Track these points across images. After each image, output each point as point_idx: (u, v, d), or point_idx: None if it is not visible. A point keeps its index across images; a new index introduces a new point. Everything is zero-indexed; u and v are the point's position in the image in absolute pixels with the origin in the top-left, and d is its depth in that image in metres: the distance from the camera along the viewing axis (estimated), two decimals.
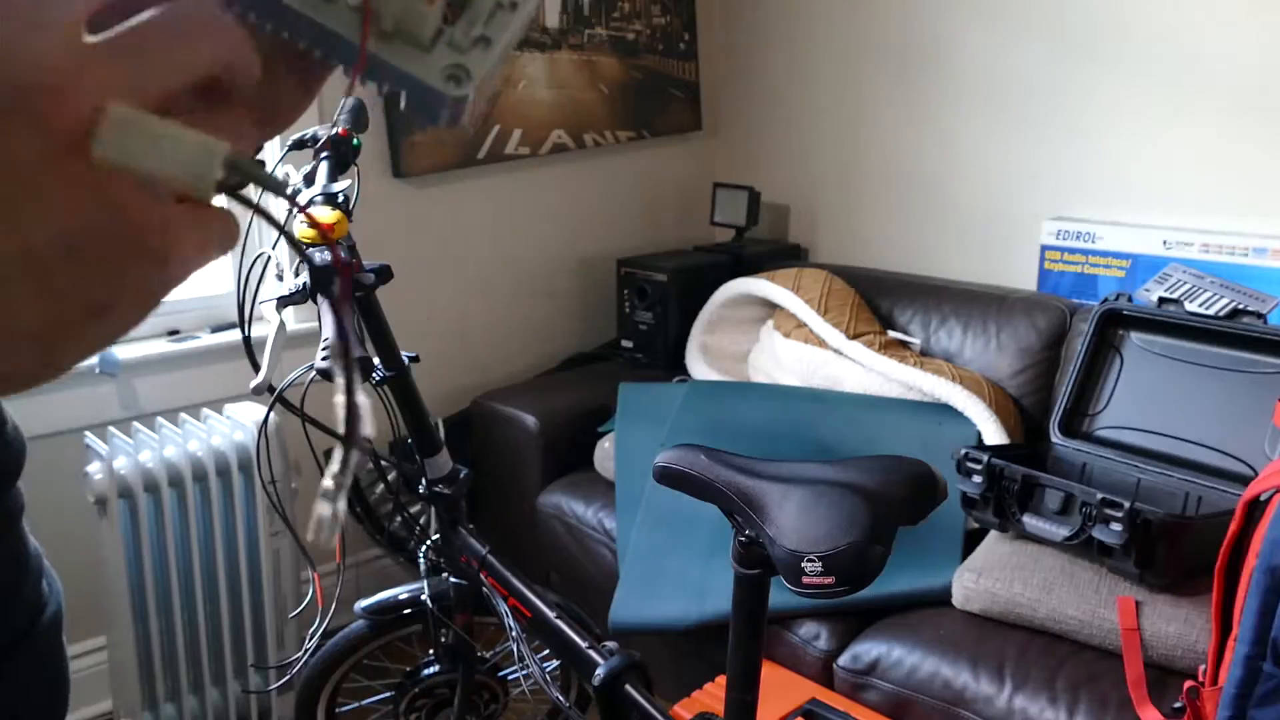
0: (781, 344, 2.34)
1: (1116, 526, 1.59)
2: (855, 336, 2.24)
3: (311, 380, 1.36)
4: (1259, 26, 2.05)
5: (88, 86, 0.26)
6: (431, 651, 1.67)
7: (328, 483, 0.31)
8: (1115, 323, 1.99)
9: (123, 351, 1.99)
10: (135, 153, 0.27)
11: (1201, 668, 1.31)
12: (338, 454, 0.31)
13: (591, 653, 1.37)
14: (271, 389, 1.36)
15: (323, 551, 1.78)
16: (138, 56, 0.27)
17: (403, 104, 0.35)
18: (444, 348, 2.53)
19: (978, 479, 1.79)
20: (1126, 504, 1.58)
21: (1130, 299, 1.99)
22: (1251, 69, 2.08)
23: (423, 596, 1.59)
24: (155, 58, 0.27)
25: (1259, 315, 1.83)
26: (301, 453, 1.81)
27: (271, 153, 2.05)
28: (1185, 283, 2.15)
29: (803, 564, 0.99)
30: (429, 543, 1.60)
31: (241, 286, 1.35)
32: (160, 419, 1.96)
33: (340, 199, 1.32)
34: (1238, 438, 1.78)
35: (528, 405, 2.36)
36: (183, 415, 1.98)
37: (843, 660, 1.74)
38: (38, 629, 0.54)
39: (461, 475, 1.55)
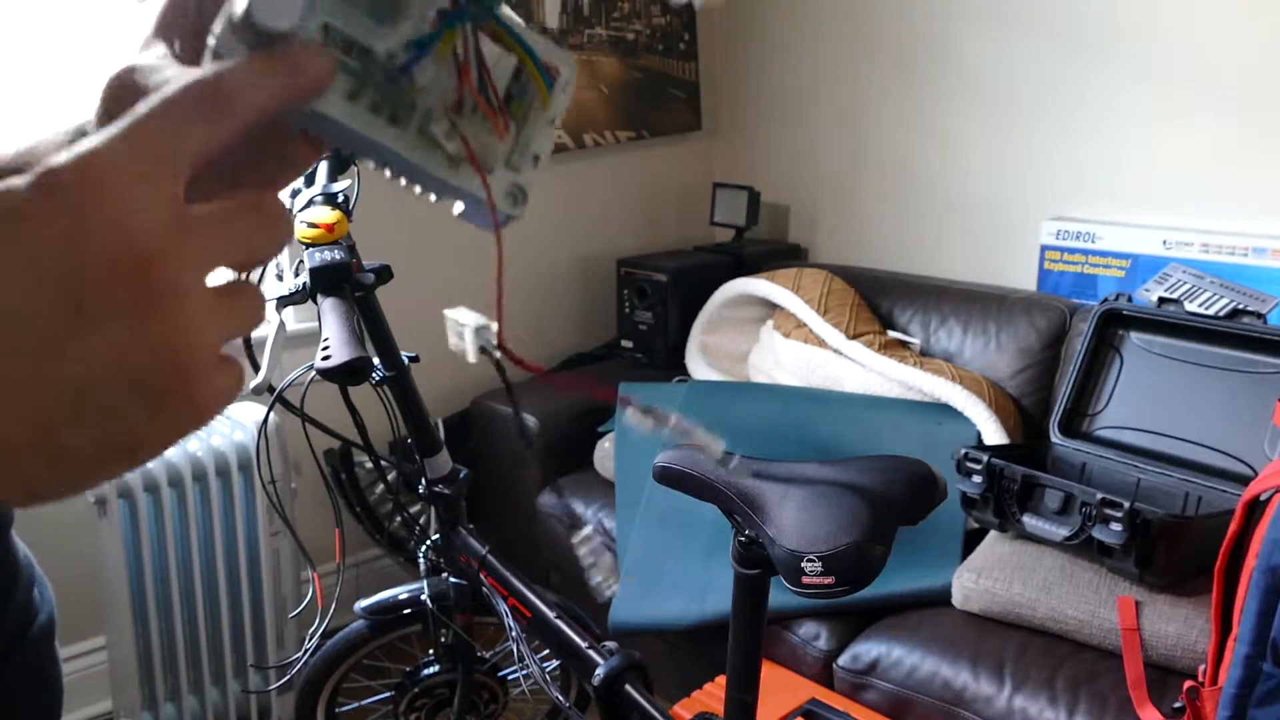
0: (781, 344, 2.34)
1: (1116, 526, 1.59)
2: (855, 336, 2.24)
3: (311, 380, 1.36)
4: (1259, 26, 2.05)
5: (184, 255, 0.29)
6: (431, 651, 1.67)
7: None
8: (1115, 323, 1.99)
9: None
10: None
11: (1201, 668, 1.31)
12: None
13: (591, 653, 1.37)
14: (271, 389, 1.36)
15: (323, 551, 1.78)
16: (227, 235, 0.31)
17: (455, 211, 0.38)
18: (444, 348, 2.52)
19: (978, 479, 1.79)
20: (1126, 504, 1.58)
21: (1130, 299, 1.99)
22: (1252, 68, 2.08)
23: (423, 596, 1.59)
24: (240, 238, 0.32)
25: (1259, 315, 1.83)
26: (301, 453, 1.81)
27: None
28: (1185, 283, 2.15)
29: (803, 564, 0.99)
30: (429, 543, 1.60)
31: None
32: None
33: (340, 199, 1.32)
34: (1238, 438, 1.78)
35: (528, 405, 2.36)
36: None
37: (843, 660, 1.74)
38: (29, 638, 0.54)
39: (461, 475, 1.55)
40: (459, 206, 0.38)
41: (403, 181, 0.38)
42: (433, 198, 0.38)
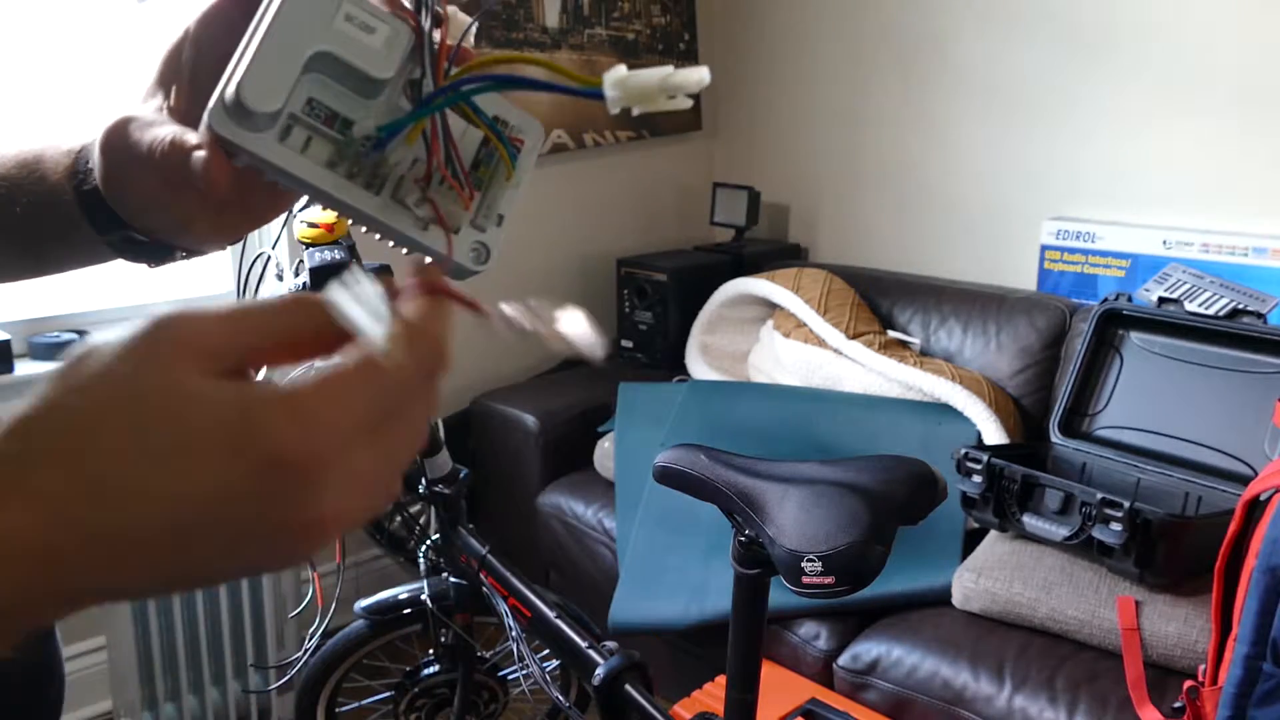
0: (781, 344, 2.34)
1: (1116, 526, 1.59)
2: (855, 336, 2.24)
3: None
4: (1259, 26, 2.05)
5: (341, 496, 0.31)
6: (431, 651, 1.67)
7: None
8: (1115, 323, 1.99)
9: None
10: None
11: (1201, 667, 1.31)
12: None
13: (591, 653, 1.36)
14: None
15: (323, 552, 1.77)
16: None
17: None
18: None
19: (977, 479, 1.79)
20: (1126, 504, 1.58)
21: (1130, 299, 1.99)
22: (1252, 68, 2.08)
23: (423, 596, 1.59)
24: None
25: (1259, 315, 1.83)
26: None
27: None
28: (1185, 283, 2.15)
29: (803, 564, 0.99)
30: (429, 543, 1.60)
31: (241, 286, 1.35)
32: None
33: None
34: (1238, 438, 1.78)
35: (528, 405, 2.36)
36: None
37: (843, 660, 1.74)
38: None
39: (461, 475, 1.55)
40: (426, 261, 0.42)
41: (377, 236, 0.41)
42: (404, 251, 0.41)
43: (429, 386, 0.34)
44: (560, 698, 1.53)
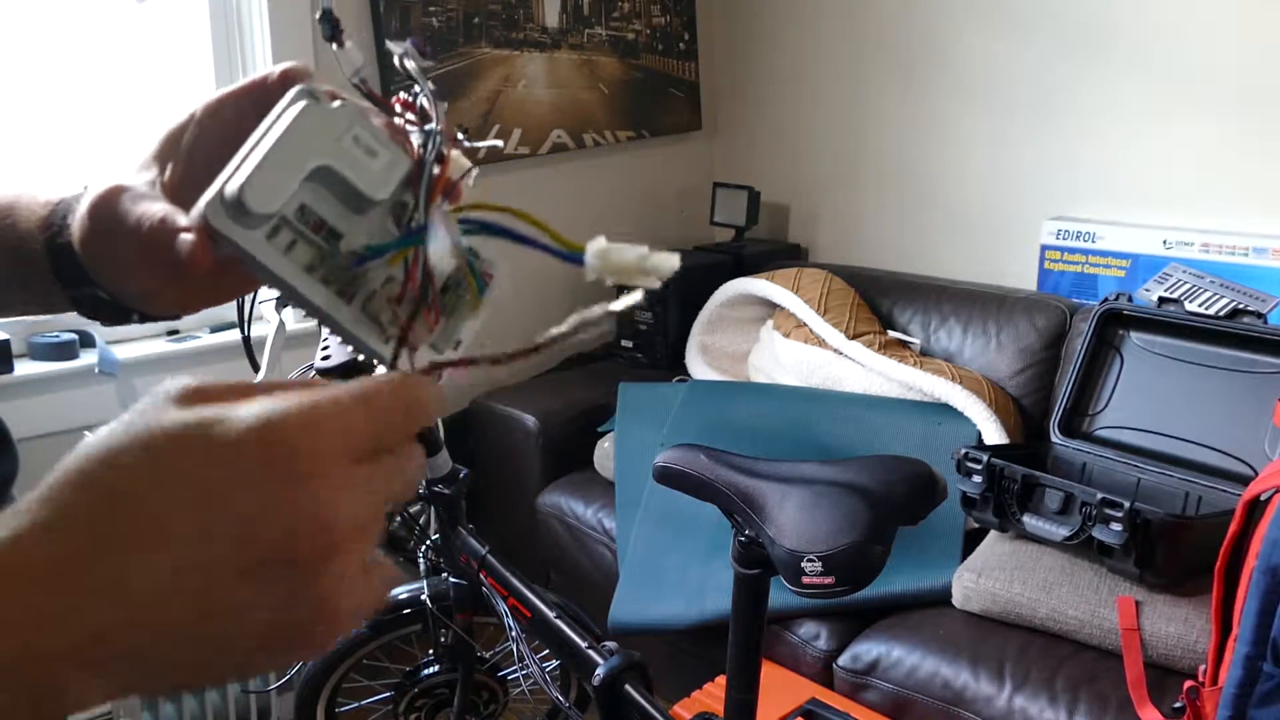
0: (781, 344, 2.34)
1: (1116, 526, 1.59)
2: (855, 336, 2.24)
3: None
4: (1259, 26, 2.05)
5: (349, 519, 0.34)
6: (431, 651, 1.67)
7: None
8: (1115, 322, 1.99)
9: (122, 351, 1.99)
10: None
11: (1201, 668, 1.31)
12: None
13: (591, 653, 1.36)
14: None
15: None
16: (379, 492, 0.35)
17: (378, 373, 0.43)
18: None
19: (978, 479, 1.79)
20: (1126, 504, 1.58)
21: (1130, 299, 1.99)
22: (1252, 68, 2.08)
23: (423, 596, 1.59)
24: (386, 493, 0.36)
25: (1259, 315, 1.83)
26: None
27: None
28: (1185, 282, 2.15)
29: (803, 564, 0.99)
30: (429, 543, 1.60)
31: None
32: None
33: None
34: (1238, 438, 1.78)
35: (528, 405, 2.36)
36: None
37: (843, 660, 1.74)
38: None
39: (461, 475, 1.55)
40: (381, 369, 0.44)
41: (338, 340, 0.43)
42: (360, 357, 0.44)
43: (412, 431, 0.36)
44: (560, 698, 1.54)
